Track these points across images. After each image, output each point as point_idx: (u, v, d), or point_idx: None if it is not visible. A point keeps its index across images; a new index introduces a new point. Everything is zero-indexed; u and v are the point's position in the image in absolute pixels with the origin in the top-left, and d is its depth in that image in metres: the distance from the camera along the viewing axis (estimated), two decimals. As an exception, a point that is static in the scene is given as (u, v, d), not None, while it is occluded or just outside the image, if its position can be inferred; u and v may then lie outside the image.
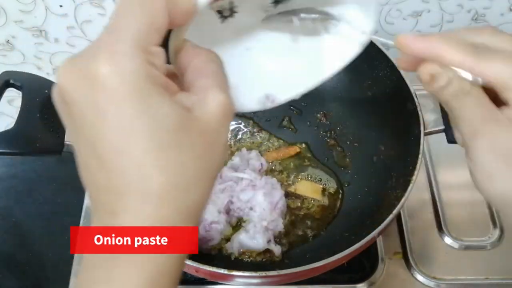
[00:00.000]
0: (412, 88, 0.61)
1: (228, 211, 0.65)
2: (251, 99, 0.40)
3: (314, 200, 0.69)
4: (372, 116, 0.70)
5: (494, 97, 0.35)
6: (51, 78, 0.79)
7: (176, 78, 0.32)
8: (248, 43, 0.41)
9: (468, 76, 0.34)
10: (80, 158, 0.29)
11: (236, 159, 0.69)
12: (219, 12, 0.38)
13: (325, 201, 0.70)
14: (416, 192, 0.59)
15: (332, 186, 0.71)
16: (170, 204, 0.27)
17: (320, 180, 0.71)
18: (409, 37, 0.36)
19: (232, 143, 0.75)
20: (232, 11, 0.39)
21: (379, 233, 0.54)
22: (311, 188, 0.70)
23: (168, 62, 0.33)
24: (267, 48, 0.41)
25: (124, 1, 0.28)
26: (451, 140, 0.56)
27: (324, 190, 0.70)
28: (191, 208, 0.29)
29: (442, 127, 0.58)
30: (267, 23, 0.40)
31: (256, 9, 0.40)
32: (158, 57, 0.28)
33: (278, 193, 0.66)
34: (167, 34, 0.31)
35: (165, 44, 0.31)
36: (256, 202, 0.64)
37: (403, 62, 0.40)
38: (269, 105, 0.41)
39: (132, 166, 0.27)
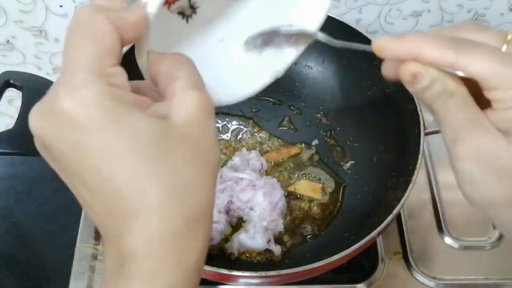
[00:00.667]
0: (412, 88, 0.61)
1: (228, 211, 0.65)
2: (231, 92, 0.39)
3: (314, 200, 0.69)
4: (372, 116, 0.70)
5: (479, 96, 0.33)
6: (51, 78, 0.79)
7: (153, 91, 0.32)
8: (220, 34, 0.40)
9: (458, 72, 0.32)
10: (75, 194, 0.29)
11: (236, 159, 0.69)
12: (180, 13, 0.38)
13: (325, 200, 0.70)
14: (416, 192, 0.59)
15: (331, 185, 0.71)
16: (174, 213, 0.27)
17: (319, 179, 0.71)
18: (384, 40, 0.34)
19: (232, 143, 0.75)
20: (193, 8, 0.38)
21: (379, 233, 0.54)
22: (311, 187, 0.70)
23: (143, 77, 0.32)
24: (238, 37, 0.40)
25: (69, 34, 0.28)
26: (451, 140, 0.56)
27: (323, 189, 0.70)
28: (197, 211, 0.28)
29: (442, 127, 0.58)
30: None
31: None
32: (117, 76, 0.28)
33: (278, 193, 0.66)
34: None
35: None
36: (256, 202, 0.64)
37: (386, 70, 0.37)
38: (247, 94, 0.39)
39: (122, 188, 0.26)
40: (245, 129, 0.76)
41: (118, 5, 0.30)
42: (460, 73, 0.32)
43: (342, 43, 0.38)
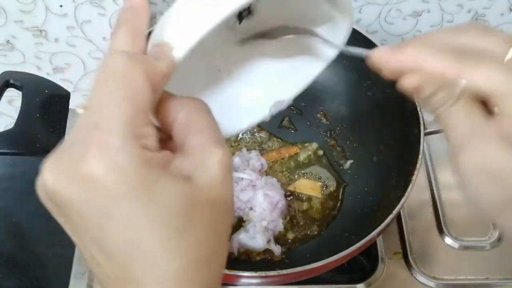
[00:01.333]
0: (412, 88, 0.61)
1: (228, 211, 0.65)
2: (236, 123, 0.39)
3: (314, 200, 0.69)
4: (372, 116, 0.70)
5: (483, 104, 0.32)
6: (51, 78, 0.79)
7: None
8: (226, 66, 0.40)
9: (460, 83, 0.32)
10: (84, 252, 0.27)
11: (236, 159, 0.69)
12: None
13: (325, 200, 0.69)
14: (416, 192, 0.59)
15: (331, 184, 0.71)
16: (193, 285, 0.26)
17: (320, 178, 0.71)
18: (384, 52, 0.33)
19: (232, 143, 0.74)
20: None
21: (379, 233, 0.54)
22: (310, 186, 0.70)
23: None
24: (243, 70, 0.40)
25: (103, 81, 0.26)
26: (451, 140, 0.56)
27: (323, 187, 0.70)
28: (215, 279, 0.27)
29: (442, 127, 0.58)
30: (242, 45, 0.39)
31: (224, 31, 0.38)
32: (149, 137, 0.26)
33: (278, 193, 0.66)
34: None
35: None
36: (256, 202, 0.64)
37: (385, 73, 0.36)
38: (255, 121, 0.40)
39: (144, 258, 0.25)
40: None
41: (142, 47, 0.28)
42: (463, 82, 0.32)
43: (338, 47, 0.39)
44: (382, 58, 0.34)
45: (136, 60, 0.26)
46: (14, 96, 0.85)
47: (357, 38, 0.67)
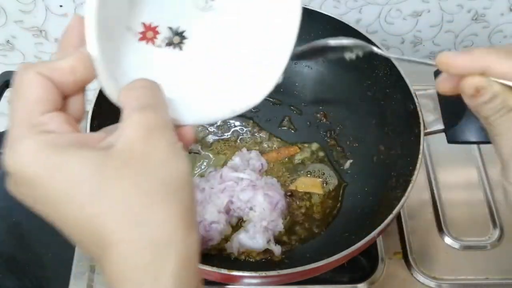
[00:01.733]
0: (412, 88, 0.61)
1: (228, 211, 0.65)
2: (216, 108, 0.38)
3: (314, 200, 0.69)
4: (372, 116, 0.70)
5: None
6: (51, 78, 0.79)
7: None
8: (213, 51, 0.39)
9: None
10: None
11: (236, 159, 0.69)
12: (169, 44, 0.37)
13: (325, 199, 0.69)
14: (416, 192, 0.59)
15: (332, 182, 0.71)
16: (133, 245, 0.27)
17: (323, 174, 0.71)
18: (451, 54, 0.35)
19: (232, 143, 0.75)
20: (180, 35, 0.38)
21: (379, 233, 0.54)
22: (311, 183, 0.70)
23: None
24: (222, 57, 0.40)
25: (11, 95, 0.31)
26: (451, 140, 0.56)
27: (324, 184, 0.70)
28: (156, 237, 0.28)
29: (442, 127, 0.58)
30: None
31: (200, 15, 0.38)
32: (49, 122, 0.29)
33: (278, 193, 0.66)
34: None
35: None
36: (256, 202, 0.64)
37: (442, 84, 0.38)
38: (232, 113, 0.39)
39: (82, 230, 0.28)
40: (245, 129, 0.76)
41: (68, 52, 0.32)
42: None
43: (397, 57, 0.38)
44: (450, 59, 0.35)
45: (27, 67, 0.30)
46: (14, 96, 0.85)
47: (357, 38, 0.67)
